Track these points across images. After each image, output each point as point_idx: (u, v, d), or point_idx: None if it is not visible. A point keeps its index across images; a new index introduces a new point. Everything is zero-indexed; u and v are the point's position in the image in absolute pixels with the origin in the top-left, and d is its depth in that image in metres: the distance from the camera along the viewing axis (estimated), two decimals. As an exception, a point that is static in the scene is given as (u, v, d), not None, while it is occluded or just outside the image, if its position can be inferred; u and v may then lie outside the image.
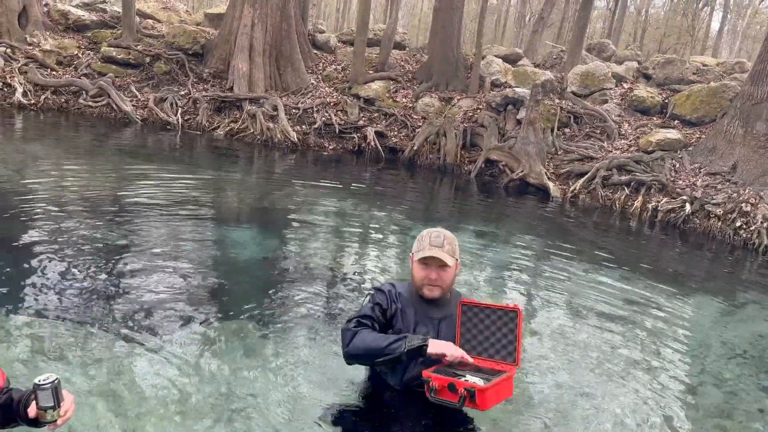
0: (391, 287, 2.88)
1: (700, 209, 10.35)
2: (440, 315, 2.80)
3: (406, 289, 2.86)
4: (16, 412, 1.97)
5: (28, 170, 8.53)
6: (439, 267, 2.73)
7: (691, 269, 8.38)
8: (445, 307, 2.81)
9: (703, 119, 13.00)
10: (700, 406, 4.35)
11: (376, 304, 2.79)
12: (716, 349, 5.43)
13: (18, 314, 4.14)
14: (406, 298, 2.81)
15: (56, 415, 1.90)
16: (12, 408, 1.99)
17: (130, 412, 3.27)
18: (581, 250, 8.44)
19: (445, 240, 2.77)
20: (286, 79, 15.16)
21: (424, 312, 2.78)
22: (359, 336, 2.63)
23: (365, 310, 2.78)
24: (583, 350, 4.95)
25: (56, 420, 1.90)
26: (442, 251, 2.72)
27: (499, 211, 10.64)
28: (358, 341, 2.63)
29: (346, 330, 2.68)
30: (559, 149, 12.68)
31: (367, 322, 2.70)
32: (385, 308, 2.78)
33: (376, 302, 2.80)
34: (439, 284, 2.75)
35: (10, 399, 2.01)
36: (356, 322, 2.71)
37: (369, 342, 2.61)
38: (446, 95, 14.80)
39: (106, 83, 14.02)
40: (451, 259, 2.74)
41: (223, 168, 10.77)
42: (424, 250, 2.74)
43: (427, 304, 2.80)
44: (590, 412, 3.98)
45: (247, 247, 6.51)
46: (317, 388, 3.53)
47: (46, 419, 1.89)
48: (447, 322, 2.80)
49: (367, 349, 2.61)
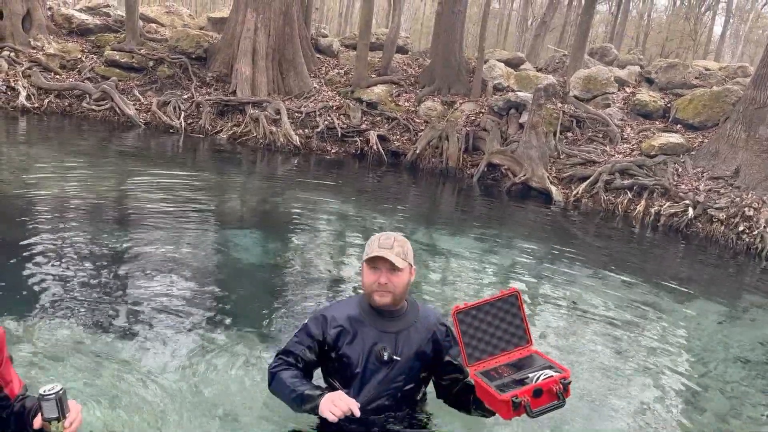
0: (332, 311, 2.68)
1: (702, 213, 10.33)
2: (396, 328, 2.60)
3: (358, 305, 2.67)
4: (27, 422, 1.94)
5: (32, 173, 8.54)
6: (389, 270, 2.51)
7: (693, 274, 8.37)
8: (402, 319, 2.60)
9: (705, 123, 12.99)
10: (704, 410, 4.34)
11: (308, 335, 2.62)
12: (719, 353, 5.41)
13: (21, 318, 4.14)
14: (357, 316, 2.62)
15: (61, 427, 1.84)
16: (24, 416, 1.97)
17: (131, 416, 3.27)
18: (584, 255, 8.43)
19: (395, 242, 2.55)
20: (288, 83, 15.19)
21: (380, 327, 2.59)
22: (276, 378, 2.54)
23: (289, 345, 2.63)
24: (585, 355, 4.94)
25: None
26: (390, 252, 2.50)
27: (501, 215, 10.64)
28: (275, 384, 2.55)
29: (269, 368, 2.59)
30: (561, 153, 12.67)
31: (289, 359, 2.57)
32: (320, 339, 2.60)
33: (307, 333, 2.62)
34: (390, 290, 2.53)
35: (23, 407, 2.00)
36: (277, 359, 2.59)
37: (279, 388, 2.53)
38: (449, 99, 14.81)
39: (109, 87, 14.06)
40: (401, 262, 2.51)
41: (226, 172, 10.79)
42: (372, 251, 2.54)
43: (382, 318, 2.60)
44: (592, 416, 3.97)
45: (249, 251, 6.51)
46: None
47: (51, 431, 1.84)
48: (405, 335, 2.60)
49: (278, 394, 2.55)
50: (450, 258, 7.12)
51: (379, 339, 2.58)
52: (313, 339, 2.60)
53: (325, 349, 2.61)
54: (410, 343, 2.59)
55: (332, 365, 2.66)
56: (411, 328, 2.62)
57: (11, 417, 2.00)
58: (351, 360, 2.57)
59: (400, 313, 2.63)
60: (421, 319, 2.66)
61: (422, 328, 2.64)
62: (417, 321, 2.65)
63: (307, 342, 2.60)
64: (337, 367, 2.63)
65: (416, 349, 2.58)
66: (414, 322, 2.64)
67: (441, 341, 2.66)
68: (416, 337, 2.61)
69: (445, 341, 2.67)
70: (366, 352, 2.56)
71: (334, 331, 2.59)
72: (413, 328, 2.63)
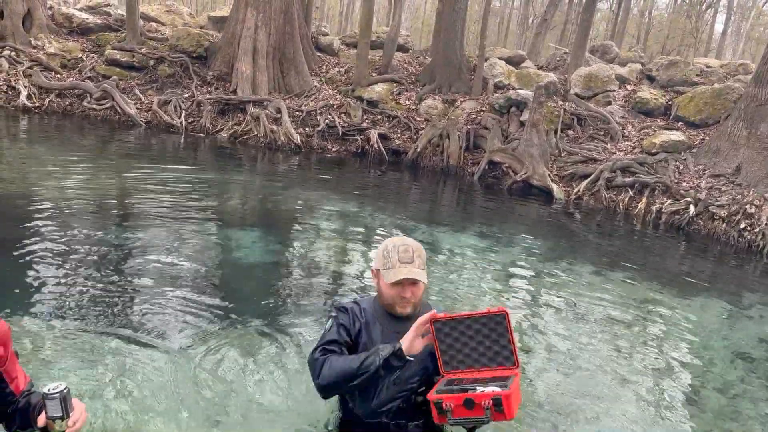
0: (354, 305, 2.67)
1: (704, 211, 10.32)
2: (404, 330, 2.52)
3: (371, 305, 2.66)
4: (33, 418, 1.94)
5: (33, 173, 8.55)
6: (412, 284, 2.51)
7: (695, 271, 8.36)
8: (409, 322, 2.53)
9: (706, 121, 12.98)
10: (705, 409, 4.33)
11: (340, 325, 2.59)
12: (721, 351, 5.41)
13: (24, 316, 4.15)
14: (371, 314, 2.62)
15: (64, 426, 1.84)
16: (29, 413, 1.97)
17: (135, 412, 3.28)
18: (585, 253, 8.42)
19: (414, 254, 2.51)
20: (289, 82, 15.18)
21: (390, 327, 2.58)
22: (328, 364, 2.46)
23: (330, 335, 2.57)
24: (587, 353, 4.93)
25: (64, 430, 1.85)
26: (414, 268, 2.49)
27: (502, 213, 10.63)
28: (328, 370, 2.45)
29: (314, 361, 2.51)
30: (562, 151, 12.66)
31: (333, 348, 2.52)
32: (349, 328, 2.58)
33: (339, 323, 2.60)
34: (412, 301, 2.55)
35: (28, 404, 1.99)
36: (322, 350, 2.52)
37: (340, 367, 2.43)
38: (449, 97, 14.80)
39: (110, 86, 14.06)
40: (425, 275, 2.52)
41: (227, 170, 10.79)
42: (395, 269, 2.48)
43: (394, 320, 2.59)
44: (594, 415, 3.97)
45: (251, 249, 6.51)
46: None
47: (55, 430, 1.85)
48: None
49: (340, 374, 2.43)
50: (451, 256, 7.12)
51: (390, 339, 2.52)
52: (345, 328, 2.59)
53: (352, 338, 2.58)
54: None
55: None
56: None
57: (17, 413, 2.00)
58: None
59: (411, 316, 2.58)
60: None
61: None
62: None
63: (343, 331, 2.58)
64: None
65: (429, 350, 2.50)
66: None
67: None
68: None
69: None
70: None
71: (357, 325, 2.60)
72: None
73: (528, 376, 4.41)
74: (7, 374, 1.99)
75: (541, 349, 4.92)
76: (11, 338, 2.00)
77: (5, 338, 1.95)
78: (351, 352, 2.56)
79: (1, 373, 1.96)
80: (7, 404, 2.00)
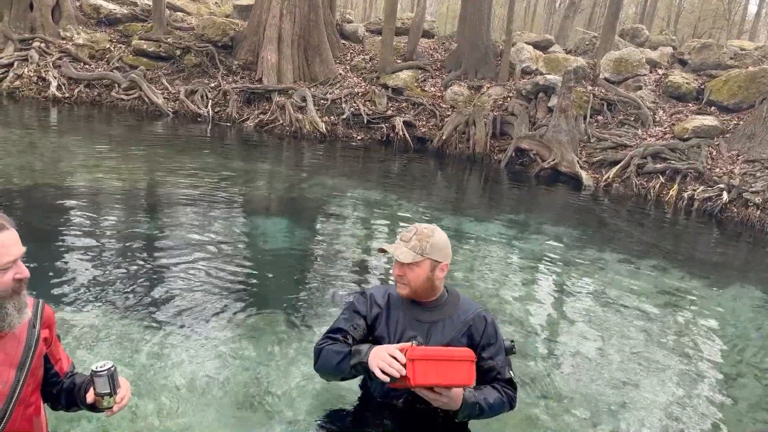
0: (375, 291, 2.65)
1: (737, 197, 10.08)
2: (431, 319, 2.51)
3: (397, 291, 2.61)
4: (78, 397, 2.04)
5: (64, 162, 8.68)
6: (402, 263, 2.46)
7: (728, 259, 8.18)
8: (438, 311, 2.53)
9: (740, 105, 12.65)
10: (739, 398, 4.24)
11: (354, 312, 2.57)
12: (755, 340, 5.29)
13: (59, 303, 4.22)
14: (395, 301, 2.57)
15: (112, 402, 1.94)
16: (74, 392, 2.06)
17: (165, 398, 3.32)
18: (615, 240, 8.29)
19: (414, 235, 2.47)
20: (314, 70, 15.17)
21: (412, 315, 2.52)
22: (322, 353, 2.46)
23: (338, 323, 2.57)
24: (617, 341, 4.86)
25: (112, 407, 1.94)
26: (398, 246, 2.47)
27: (529, 201, 10.51)
28: (320, 359, 2.47)
29: (315, 347, 2.53)
30: (591, 137, 12.46)
31: (337, 336, 2.50)
32: (365, 314, 2.55)
33: (354, 310, 2.58)
34: (405, 282, 2.48)
35: (72, 384, 2.09)
36: (325, 338, 2.52)
37: (327, 359, 2.43)
38: (475, 83, 14.65)
39: (137, 76, 14.20)
40: (406, 256, 2.43)
41: (253, 159, 10.84)
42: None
43: (416, 307, 2.54)
44: (624, 404, 3.91)
45: (277, 238, 6.54)
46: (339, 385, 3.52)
47: (103, 405, 1.94)
48: (438, 326, 2.51)
49: (326, 366, 2.44)
50: (478, 245, 7.06)
51: (412, 327, 2.50)
52: (360, 315, 2.56)
53: (368, 329, 2.56)
54: (443, 335, 2.50)
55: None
56: (446, 320, 2.52)
57: (62, 393, 2.10)
58: (383, 343, 2.46)
59: (436, 304, 2.55)
60: (459, 312, 2.55)
61: (458, 322, 2.52)
62: (454, 314, 2.54)
63: (355, 319, 2.55)
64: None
65: (448, 342, 2.46)
66: (451, 314, 2.54)
67: (476, 336, 2.52)
68: (450, 330, 2.51)
69: (482, 338, 2.53)
70: (396, 338, 2.49)
71: (375, 311, 2.56)
72: (449, 320, 2.53)
73: (556, 364, 4.36)
74: (52, 356, 2.08)
75: (570, 338, 4.86)
76: (54, 322, 2.09)
77: (51, 321, 2.05)
78: (366, 337, 2.54)
79: (47, 355, 2.04)
80: (53, 385, 2.09)
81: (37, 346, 1.94)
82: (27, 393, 1.93)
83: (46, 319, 2.02)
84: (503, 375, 2.55)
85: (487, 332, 2.55)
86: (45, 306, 2.03)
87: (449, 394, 2.31)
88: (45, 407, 2.12)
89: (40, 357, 1.98)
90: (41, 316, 1.99)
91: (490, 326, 2.56)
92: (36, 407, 2.01)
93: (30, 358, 1.91)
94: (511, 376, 2.56)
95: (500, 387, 2.53)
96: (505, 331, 4.59)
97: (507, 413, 2.65)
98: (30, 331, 1.93)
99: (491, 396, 2.48)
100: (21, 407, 1.91)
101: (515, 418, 3.36)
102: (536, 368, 4.23)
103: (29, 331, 1.93)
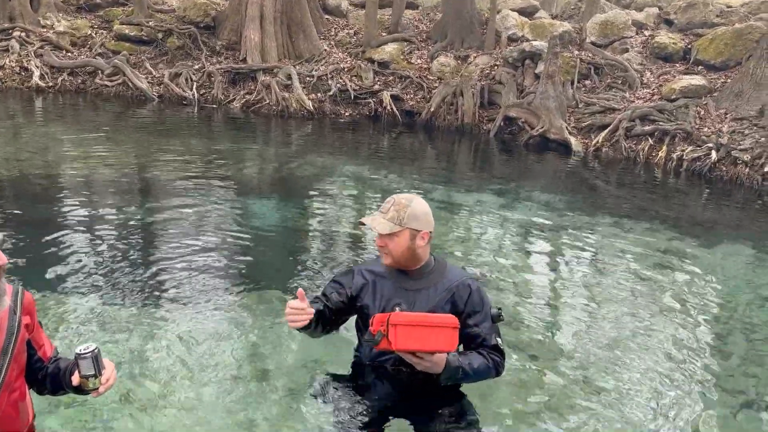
0: (363, 265, 2.76)
1: (726, 156, 10.10)
2: (415, 287, 2.58)
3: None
4: (63, 381, 2.07)
5: (50, 151, 8.63)
6: (381, 234, 2.52)
7: (718, 217, 8.24)
8: (424, 279, 2.59)
9: (728, 63, 12.60)
10: (730, 354, 4.31)
11: (335, 282, 2.71)
12: (746, 296, 5.35)
13: (49, 290, 4.23)
14: (381, 273, 2.65)
15: (98, 383, 1.97)
16: (59, 377, 2.09)
17: (160, 378, 3.35)
18: (605, 204, 8.34)
19: (392, 206, 2.53)
20: (298, 47, 15.01)
21: (399, 284, 2.60)
22: None
23: (321, 290, 2.73)
24: (609, 303, 4.92)
25: (98, 388, 1.98)
26: (375, 218, 2.55)
27: (520, 169, 10.53)
28: None
29: None
30: (579, 102, 12.42)
31: (315, 301, 2.60)
32: (346, 286, 2.67)
33: (335, 281, 2.72)
34: (386, 252, 2.56)
35: (57, 368, 2.12)
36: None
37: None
38: (462, 53, 14.53)
39: (120, 62, 14.03)
40: (384, 225, 2.51)
41: (241, 140, 10.78)
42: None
43: (403, 276, 2.61)
44: (617, 364, 3.97)
45: (269, 217, 6.55)
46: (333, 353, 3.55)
47: (89, 387, 1.97)
48: (424, 293, 2.57)
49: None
50: (470, 215, 7.08)
51: (398, 295, 2.57)
52: (342, 286, 2.67)
53: (351, 299, 2.65)
54: (427, 302, 2.55)
55: (359, 318, 2.71)
56: (431, 288, 2.59)
57: (47, 378, 2.13)
58: (368, 311, 2.59)
59: (422, 273, 2.60)
60: (444, 280, 2.61)
61: (442, 289, 2.58)
62: (439, 282, 2.60)
63: (336, 287, 2.67)
64: (361, 319, 2.68)
65: (431, 309, 2.51)
66: (436, 282, 2.60)
67: (459, 303, 2.57)
68: (434, 297, 2.57)
69: (466, 306, 2.57)
70: (382, 306, 2.57)
71: (358, 283, 2.65)
72: (433, 288, 2.59)
73: (549, 328, 4.41)
74: (35, 341, 2.10)
75: (564, 301, 4.91)
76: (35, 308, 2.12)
77: (31, 308, 2.08)
78: (346, 308, 2.66)
79: (30, 341, 2.07)
80: (37, 370, 2.12)
81: (19, 332, 1.97)
82: (11, 378, 1.96)
83: (27, 306, 2.04)
84: (489, 341, 2.59)
85: (471, 300, 2.58)
86: (25, 293, 2.05)
87: (431, 359, 2.39)
88: (31, 393, 2.16)
89: (23, 343, 2.00)
90: (21, 303, 2.01)
91: (475, 294, 2.60)
92: (21, 392, 2.05)
93: (12, 344, 1.94)
94: (497, 343, 2.61)
95: (486, 353, 2.58)
96: (498, 298, 4.64)
97: (499, 378, 2.71)
98: (11, 317, 1.96)
99: (476, 361, 2.53)
100: (6, 392, 1.95)
101: (506, 381, 3.41)
102: (528, 332, 4.28)
103: (10, 318, 1.95)
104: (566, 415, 3.34)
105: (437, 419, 2.60)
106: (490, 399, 3.15)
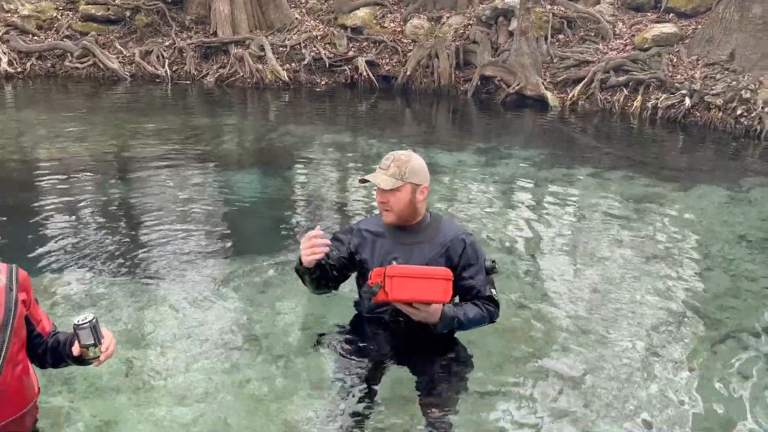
0: (362, 223, 2.88)
1: (699, 102, 10.24)
2: (412, 241, 2.67)
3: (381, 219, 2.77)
4: (63, 353, 2.13)
5: (25, 136, 8.53)
6: (384, 190, 2.59)
7: (694, 162, 8.40)
8: (421, 233, 2.69)
9: (698, 9, 12.67)
10: (708, 289, 4.47)
11: (335, 239, 2.81)
12: (723, 234, 5.52)
13: (39, 274, 4.25)
14: (378, 229, 2.75)
15: (98, 352, 2.02)
16: (59, 349, 2.16)
17: (153, 352, 3.41)
18: (583, 156, 8.46)
19: (392, 162, 2.60)
20: (269, 17, 14.80)
21: (397, 240, 2.69)
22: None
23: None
24: (592, 251, 5.05)
25: (99, 356, 2.03)
26: (381, 173, 2.60)
27: (498, 128, 10.59)
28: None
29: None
30: (554, 57, 12.46)
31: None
32: (345, 243, 2.79)
33: (336, 238, 2.83)
34: (388, 208, 2.63)
35: (57, 341, 2.18)
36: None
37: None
38: (435, 14, 14.43)
39: (89, 43, 13.76)
40: (386, 182, 2.57)
41: (218, 115, 10.71)
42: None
43: (400, 232, 2.70)
44: (604, 306, 4.11)
45: (251, 189, 6.58)
46: (327, 315, 3.65)
47: (89, 356, 2.02)
48: (420, 247, 2.66)
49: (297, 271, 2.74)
50: (453, 176, 7.16)
51: (395, 250, 2.67)
52: (342, 243, 2.79)
53: (351, 254, 2.76)
54: (422, 255, 2.64)
55: (358, 273, 2.82)
56: (427, 243, 2.68)
57: (47, 352, 2.19)
58: (367, 266, 2.68)
59: (419, 228, 2.70)
60: (439, 234, 2.70)
61: (437, 243, 2.67)
62: (435, 236, 2.69)
63: (336, 243, 2.78)
64: (360, 273, 2.78)
65: (426, 262, 2.60)
66: (432, 237, 2.69)
67: (454, 257, 2.66)
68: (429, 251, 2.66)
69: (461, 259, 2.67)
70: (379, 260, 2.65)
71: (357, 240, 2.76)
72: (429, 242, 2.68)
73: (539, 276, 4.54)
74: (33, 317, 2.16)
75: (549, 251, 5.03)
76: (30, 284, 2.16)
77: (27, 284, 2.13)
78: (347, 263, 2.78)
79: (28, 317, 2.11)
80: (37, 345, 2.18)
81: (17, 307, 2.02)
82: (14, 351, 2.01)
83: (22, 282, 2.09)
84: (483, 293, 2.71)
85: (465, 253, 2.70)
86: (19, 270, 2.09)
87: (427, 309, 2.48)
88: (34, 368, 2.21)
89: (22, 318, 2.05)
90: (17, 280, 2.06)
91: (469, 247, 2.71)
92: (24, 366, 2.11)
93: (12, 319, 1.99)
94: (492, 294, 2.73)
95: (480, 303, 2.70)
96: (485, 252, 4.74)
97: (488, 326, 2.84)
98: (8, 294, 2.01)
99: (471, 311, 2.65)
100: (10, 366, 2.00)
101: (494, 328, 3.52)
102: (516, 282, 4.40)
103: (7, 295, 2.00)
104: (555, 358, 3.47)
105: (434, 362, 2.74)
106: (480, 344, 3.27)
